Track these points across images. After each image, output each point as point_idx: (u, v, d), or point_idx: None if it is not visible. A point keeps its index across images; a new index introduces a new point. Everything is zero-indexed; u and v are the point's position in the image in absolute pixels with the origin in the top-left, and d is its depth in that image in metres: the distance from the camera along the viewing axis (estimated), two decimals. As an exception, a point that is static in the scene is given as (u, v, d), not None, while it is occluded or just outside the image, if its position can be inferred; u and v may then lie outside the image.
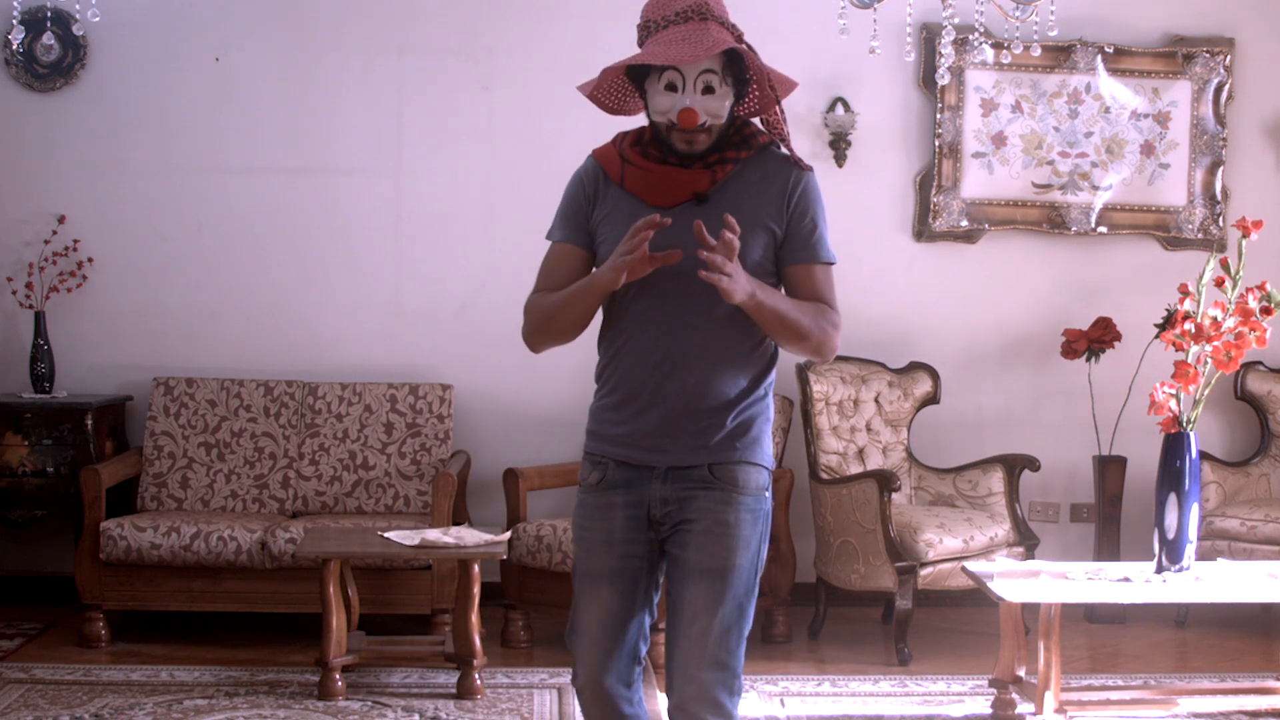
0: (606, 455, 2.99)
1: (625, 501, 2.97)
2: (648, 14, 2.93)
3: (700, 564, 2.92)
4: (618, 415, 2.98)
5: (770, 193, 2.96)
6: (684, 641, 2.92)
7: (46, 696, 4.84)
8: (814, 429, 5.95)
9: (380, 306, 6.33)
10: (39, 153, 6.23)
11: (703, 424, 2.93)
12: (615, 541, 2.98)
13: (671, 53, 2.83)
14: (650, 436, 2.95)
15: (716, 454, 2.94)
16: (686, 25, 2.86)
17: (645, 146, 2.97)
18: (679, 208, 2.91)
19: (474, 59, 6.29)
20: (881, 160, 6.39)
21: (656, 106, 2.91)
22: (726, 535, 2.93)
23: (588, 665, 3.02)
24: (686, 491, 2.94)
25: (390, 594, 5.53)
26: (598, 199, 3.01)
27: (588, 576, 3.02)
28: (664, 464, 2.94)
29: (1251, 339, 4.59)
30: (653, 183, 2.93)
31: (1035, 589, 4.54)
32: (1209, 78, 6.38)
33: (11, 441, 5.85)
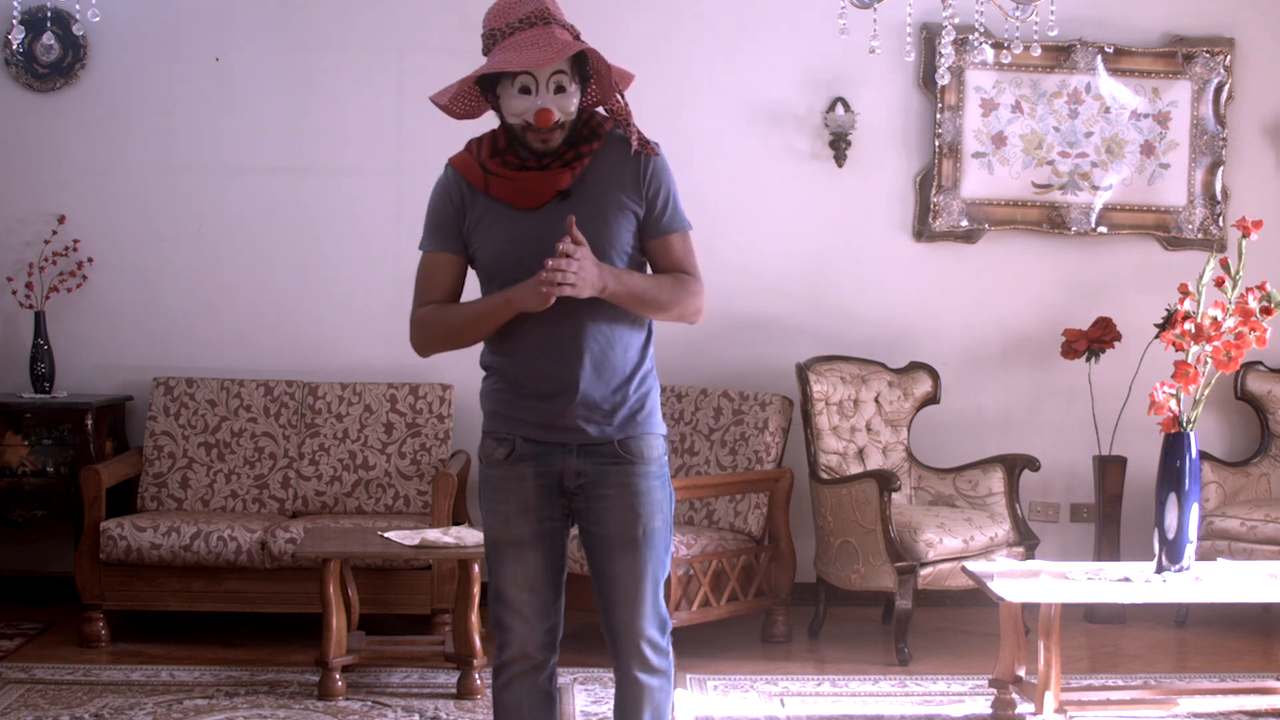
0: (513, 432, 3.17)
1: (536, 472, 3.16)
2: (491, 22, 3.09)
3: (624, 535, 3.16)
4: (520, 400, 3.17)
5: (625, 176, 3.15)
6: (625, 608, 3.18)
7: (46, 696, 4.84)
8: (814, 429, 5.95)
9: (380, 306, 6.33)
10: (39, 153, 6.23)
11: (605, 405, 3.15)
12: (531, 509, 3.17)
13: (526, 57, 3.00)
14: (558, 418, 3.14)
15: (623, 430, 3.16)
16: (532, 30, 3.04)
17: (503, 155, 3.14)
18: (545, 207, 3.11)
19: (474, 59, 6.26)
20: (881, 160, 6.39)
21: (512, 109, 3.07)
22: (642, 505, 3.17)
23: (520, 634, 3.20)
24: (599, 465, 3.16)
25: (390, 594, 5.53)
26: (466, 208, 3.18)
27: (510, 545, 3.18)
28: (575, 441, 3.15)
29: (1251, 339, 4.59)
30: (517, 188, 3.11)
31: (1035, 589, 4.54)
32: (1209, 78, 6.38)
33: (11, 441, 5.85)
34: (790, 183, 6.34)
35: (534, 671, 3.23)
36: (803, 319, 6.33)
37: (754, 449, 5.83)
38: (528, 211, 3.11)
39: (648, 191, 3.15)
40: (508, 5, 3.09)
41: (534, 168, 3.10)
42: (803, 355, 6.13)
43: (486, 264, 3.17)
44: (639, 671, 3.22)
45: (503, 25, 3.06)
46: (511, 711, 3.25)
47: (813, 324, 6.35)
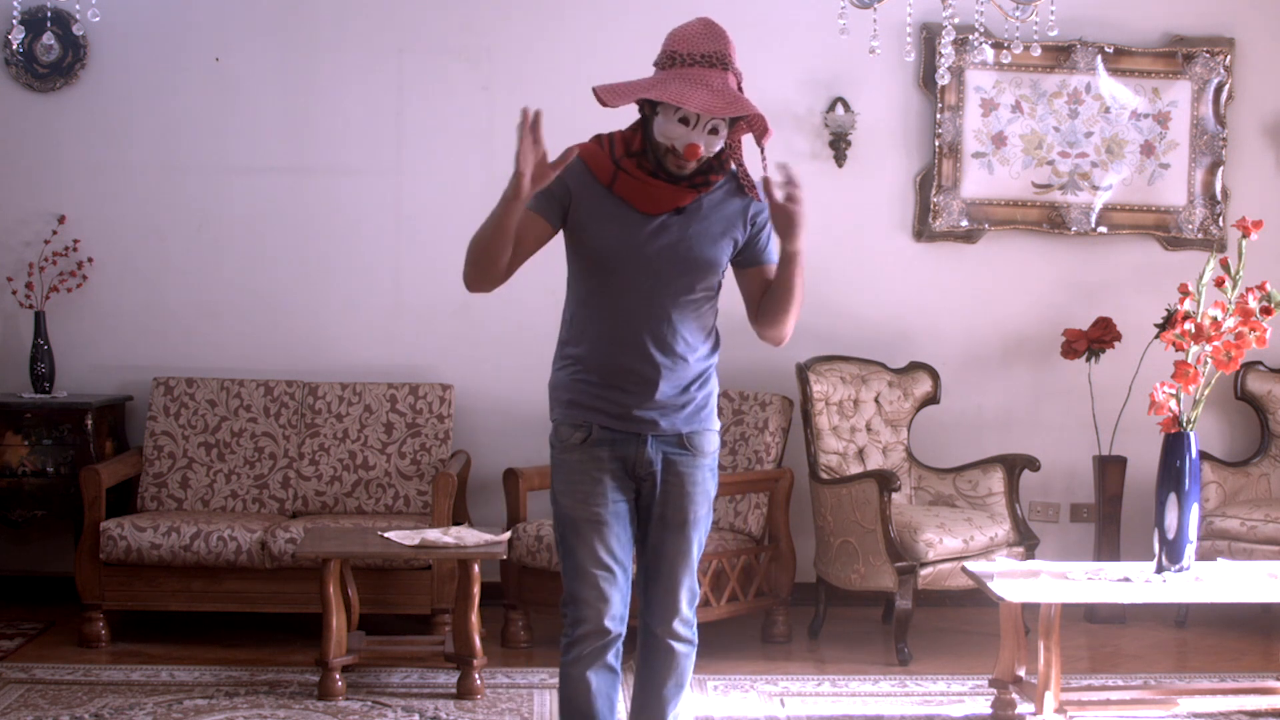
0: (589, 420, 3.39)
1: (611, 456, 3.40)
2: (675, 45, 3.26)
3: (677, 518, 3.44)
4: (597, 390, 3.39)
5: (733, 208, 3.39)
6: (666, 579, 3.46)
7: (46, 696, 4.84)
8: (814, 429, 5.95)
9: (380, 306, 6.33)
10: (39, 153, 6.23)
11: (677, 401, 3.40)
12: (608, 489, 3.41)
13: (702, 101, 3.17)
14: (633, 409, 3.37)
15: (689, 424, 3.43)
16: (711, 71, 3.22)
17: (638, 157, 3.30)
18: (662, 217, 3.32)
19: (474, 59, 6.30)
20: (881, 160, 6.39)
21: (666, 132, 3.23)
22: (698, 493, 3.46)
23: (596, 608, 3.39)
24: (666, 455, 3.42)
25: (390, 594, 5.53)
26: (581, 195, 3.33)
27: (588, 521, 3.39)
28: (648, 432, 3.39)
29: (1251, 339, 4.59)
30: (644, 192, 3.30)
31: (1035, 589, 4.54)
32: (1209, 78, 6.38)
33: (11, 441, 5.85)
34: (790, 183, 6.33)
35: (604, 648, 3.42)
36: (803, 319, 6.25)
37: (754, 449, 5.83)
38: (645, 216, 3.31)
39: (753, 228, 3.40)
40: (696, 35, 3.25)
41: (663, 179, 3.29)
42: (803, 355, 6.13)
43: (591, 254, 3.34)
44: (670, 639, 3.48)
45: (685, 52, 3.23)
46: (581, 688, 3.42)
47: (813, 324, 6.32)
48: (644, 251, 3.31)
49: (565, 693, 3.45)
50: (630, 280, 3.32)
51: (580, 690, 3.42)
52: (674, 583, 3.47)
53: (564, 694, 3.46)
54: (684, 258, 3.33)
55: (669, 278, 3.33)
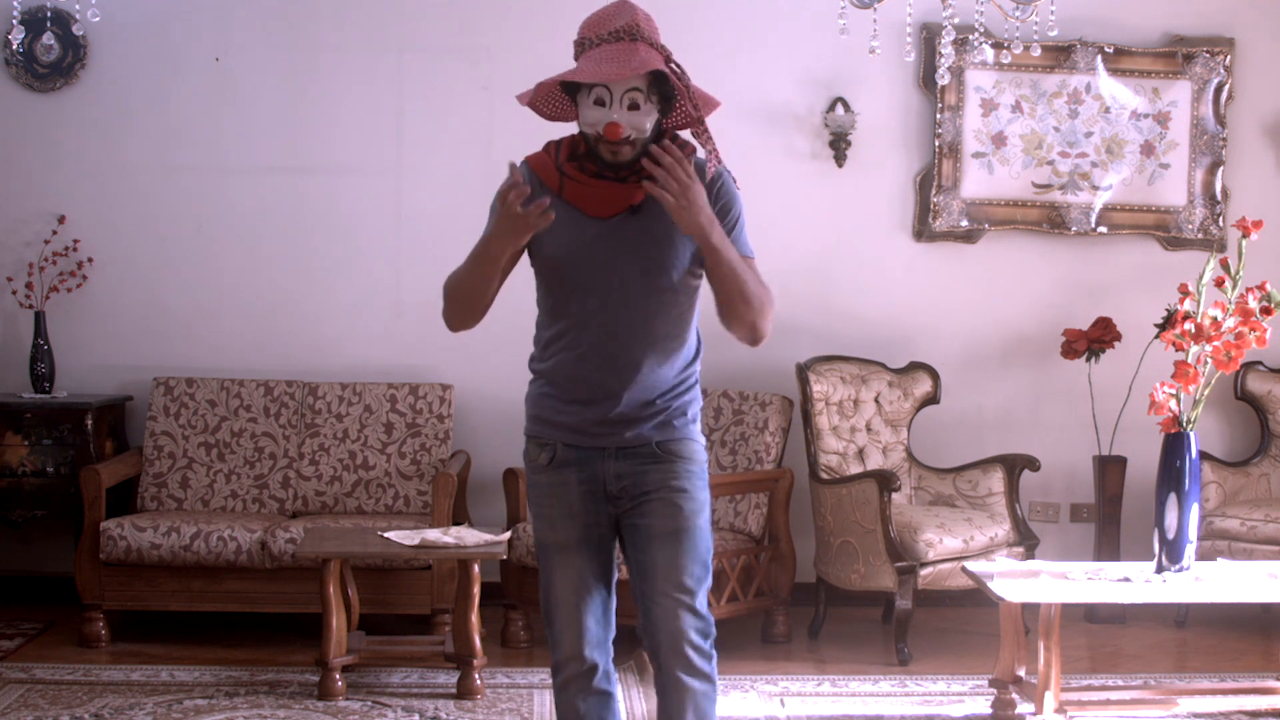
0: (553, 438, 3.24)
1: (579, 478, 3.22)
2: (584, 31, 3.14)
3: (664, 528, 3.18)
4: (563, 405, 3.23)
5: None
6: (663, 600, 3.17)
7: (46, 696, 4.84)
8: (814, 429, 5.95)
9: (380, 306, 6.33)
10: (39, 153, 6.23)
11: (643, 412, 3.20)
12: (576, 513, 3.22)
13: (599, 70, 3.04)
14: (597, 425, 3.20)
15: (660, 433, 3.21)
16: (617, 45, 3.08)
17: (581, 161, 3.15)
18: (615, 218, 3.14)
19: (474, 59, 6.29)
20: (881, 160, 6.39)
21: (586, 119, 3.10)
22: (684, 499, 3.19)
23: (570, 636, 3.23)
24: (639, 466, 3.20)
25: (390, 594, 5.53)
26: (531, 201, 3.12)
27: (556, 548, 3.23)
28: (613, 445, 3.20)
29: (1251, 339, 4.59)
30: (591, 195, 3.14)
31: (1035, 589, 4.54)
32: (1209, 78, 6.38)
33: (11, 441, 5.85)
34: (790, 183, 6.34)
35: (588, 674, 3.25)
36: (803, 319, 6.33)
37: (754, 449, 5.83)
38: (597, 220, 3.14)
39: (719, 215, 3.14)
40: (602, 17, 3.13)
41: (610, 178, 3.12)
42: (803, 355, 6.13)
43: (549, 264, 3.20)
44: (681, 672, 3.19)
45: (593, 36, 3.11)
46: (571, 713, 3.28)
47: (813, 324, 6.34)
48: (600, 256, 3.14)
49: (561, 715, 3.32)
50: (589, 288, 3.15)
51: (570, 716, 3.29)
52: (671, 605, 3.17)
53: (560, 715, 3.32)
54: (644, 258, 3.14)
55: (630, 281, 3.14)
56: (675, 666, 3.18)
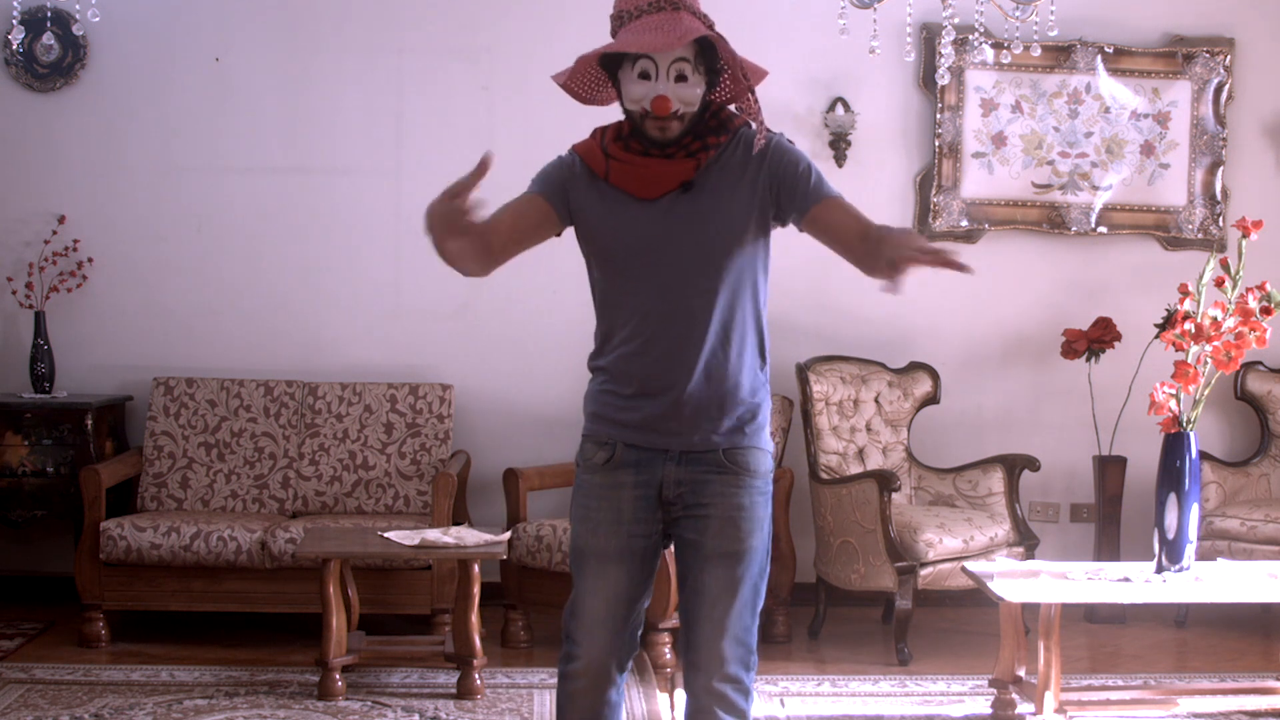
0: (614, 437, 3.02)
1: (635, 481, 3.01)
2: (621, 4, 2.95)
3: (719, 549, 2.99)
4: (625, 402, 3.01)
5: (750, 169, 3.00)
6: (706, 624, 3.01)
7: (46, 696, 4.84)
8: (814, 429, 5.95)
9: (380, 306, 6.33)
10: (39, 153, 6.23)
11: (713, 411, 2.98)
12: (624, 521, 3.01)
13: (644, 40, 2.86)
14: (662, 422, 2.98)
15: (729, 439, 3.00)
16: (659, 15, 2.89)
17: (626, 140, 2.99)
18: (666, 197, 2.95)
19: (474, 59, 6.29)
20: (881, 160, 6.39)
21: (631, 95, 2.93)
22: (743, 519, 3.00)
23: (591, 648, 3.04)
24: (701, 475, 2.99)
25: (390, 594, 5.53)
26: (582, 193, 3.02)
27: (595, 556, 3.03)
28: (677, 447, 2.99)
29: (1251, 339, 4.59)
30: (638, 175, 2.96)
31: (1035, 589, 4.54)
32: (1209, 78, 6.38)
33: (11, 441, 5.85)
34: (790, 183, 6.33)
35: (601, 685, 3.08)
36: (803, 319, 6.33)
37: (754, 449, 5.82)
38: (648, 202, 2.96)
39: (778, 170, 2.98)
40: None
41: (658, 155, 2.95)
42: (803, 355, 6.13)
43: (601, 253, 3.02)
44: (711, 701, 3.03)
45: (632, 8, 2.92)
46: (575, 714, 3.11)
47: (813, 324, 6.34)
48: (653, 240, 2.95)
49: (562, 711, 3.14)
50: (645, 275, 2.96)
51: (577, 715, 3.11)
52: (715, 630, 3.01)
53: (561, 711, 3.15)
54: (699, 238, 2.93)
55: (687, 264, 2.94)
56: (707, 694, 3.03)
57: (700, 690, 3.04)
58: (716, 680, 3.02)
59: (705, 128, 2.98)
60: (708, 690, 3.03)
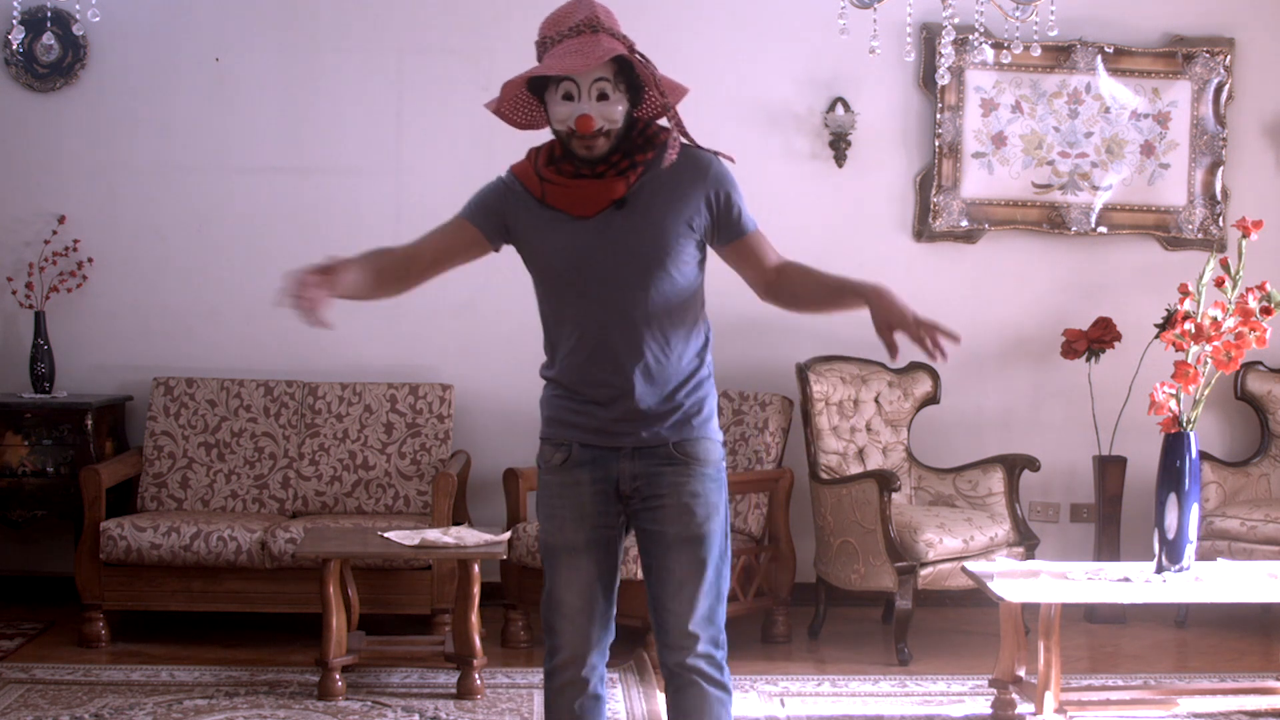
0: (569, 439, 3.18)
1: (592, 478, 3.17)
2: (544, 31, 3.10)
3: (679, 535, 3.15)
4: (578, 406, 3.18)
5: (683, 185, 3.14)
6: (674, 606, 3.17)
7: (46, 696, 4.84)
8: (814, 429, 5.95)
9: (380, 306, 6.29)
10: (39, 153, 6.23)
11: (659, 411, 3.15)
12: (586, 515, 3.18)
13: (565, 63, 3.01)
14: (613, 424, 3.15)
15: (677, 433, 3.17)
16: (579, 38, 3.04)
17: (558, 163, 3.14)
18: (601, 214, 3.11)
19: (474, 59, 6.29)
20: (881, 160, 6.39)
21: (556, 116, 3.08)
22: (698, 505, 3.16)
23: (574, 636, 3.21)
24: (654, 467, 3.16)
25: (390, 594, 5.53)
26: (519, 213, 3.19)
27: (564, 550, 3.20)
28: (629, 444, 3.16)
29: (1251, 339, 4.59)
30: (573, 196, 3.11)
31: (1035, 589, 4.54)
32: (1209, 78, 6.38)
33: (11, 441, 5.85)
34: (790, 183, 6.34)
35: (585, 678, 3.23)
36: (803, 319, 6.30)
37: (754, 449, 5.83)
38: (584, 220, 3.11)
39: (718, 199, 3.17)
40: (560, 15, 3.09)
41: (588, 175, 3.09)
42: (803, 355, 6.13)
43: (544, 271, 3.19)
44: (696, 677, 3.18)
45: (553, 34, 3.07)
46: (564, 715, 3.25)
47: (813, 324, 6.33)
48: (591, 256, 3.10)
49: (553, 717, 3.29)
50: (585, 289, 3.12)
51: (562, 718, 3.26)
52: (685, 611, 3.16)
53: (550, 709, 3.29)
54: (635, 252, 3.09)
55: (625, 277, 3.10)
56: (689, 672, 3.18)
57: (678, 667, 3.19)
58: (691, 657, 3.18)
59: (633, 145, 3.12)
60: (685, 666, 3.18)
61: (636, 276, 3.10)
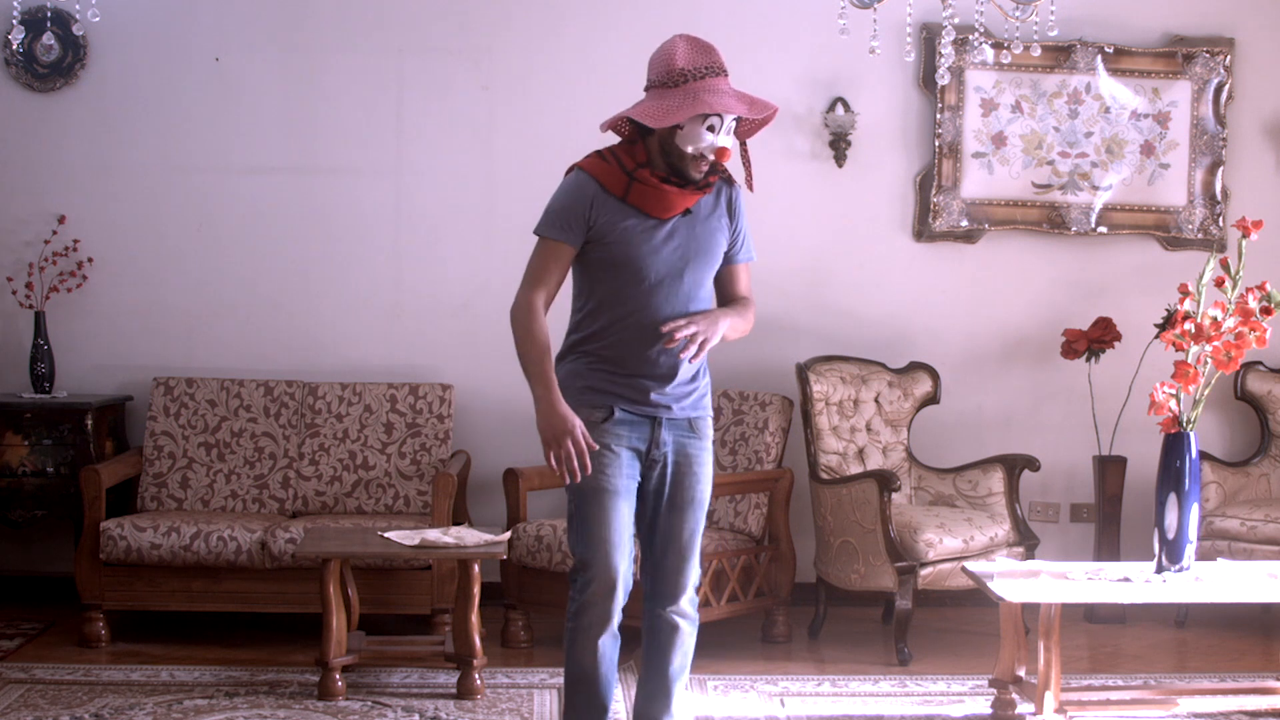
0: (609, 402, 3.69)
1: (629, 436, 3.71)
2: (679, 63, 3.60)
3: (689, 498, 3.77)
4: (617, 377, 3.70)
5: (720, 203, 3.80)
6: (675, 560, 3.77)
7: (46, 696, 4.84)
8: (814, 429, 5.95)
9: (380, 306, 6.33)
10: (39, 153, 6.23)
11: (683, 390, 3.75)
12: (623, 466, 3.70)
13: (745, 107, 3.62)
14: (649, 395, 3.71)
15: (695, 409, 3.79)
16: (724, 79, 3.63)
17: (651, 168, 3.65)
18: (673, 219, 3.69)
19: (474, 59, 6.30)
20: (881, 160, 6.39)
21: (694, 140, 3.60)
22: (704, 473, 3.80)
23: (606, 572, 3.66)
24: (677, 438, 3.76)
25: (390, 594, 5.53)
26: (599, 209, 3.66)
27: (605, 492, 3.67)
28: (664, 416, 3.73)
29: (1251, 339, 4.59)
30: (658, 198, 3.64)
31: (1035, 589, 4.54)
32: (1209, 78, 6.38)
33: (11, 441, 5.86)
34: (790, 183, 6.34)
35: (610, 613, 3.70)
36: (803, 319, 6.34)
37: (754, 449, 5.83)
38: (659, 221, 3.67)
39: (735, 220, 3.81)
40: (693, 51, 3.63)
41: (676, 184, 3.64)
42: (803, 355, 6.14)
43: (614, 259, 3.66)
44: (679, 618, 3.80)
45: (691, 69, 3.60)
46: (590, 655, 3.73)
47: (813, 324, 6.35)
48: (661, 252, 3.65)
49: (575, 656, 3.73)
50: (651, 279, 3.65)
51: (590, 656, 3.72)
52: (684, 562, 3.76)
53: (573, 659, 3.74)
54: (695, 255, 3.69)
55: (685, 274, 3.68)
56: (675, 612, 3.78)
57: (664, 611, 3.79)
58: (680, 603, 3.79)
59: (712, 168, 3.72)
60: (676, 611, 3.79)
61: (691, 273, 3.70)
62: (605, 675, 3.76)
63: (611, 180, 3.64)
